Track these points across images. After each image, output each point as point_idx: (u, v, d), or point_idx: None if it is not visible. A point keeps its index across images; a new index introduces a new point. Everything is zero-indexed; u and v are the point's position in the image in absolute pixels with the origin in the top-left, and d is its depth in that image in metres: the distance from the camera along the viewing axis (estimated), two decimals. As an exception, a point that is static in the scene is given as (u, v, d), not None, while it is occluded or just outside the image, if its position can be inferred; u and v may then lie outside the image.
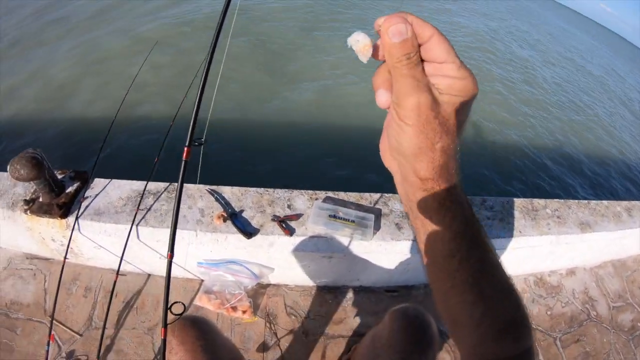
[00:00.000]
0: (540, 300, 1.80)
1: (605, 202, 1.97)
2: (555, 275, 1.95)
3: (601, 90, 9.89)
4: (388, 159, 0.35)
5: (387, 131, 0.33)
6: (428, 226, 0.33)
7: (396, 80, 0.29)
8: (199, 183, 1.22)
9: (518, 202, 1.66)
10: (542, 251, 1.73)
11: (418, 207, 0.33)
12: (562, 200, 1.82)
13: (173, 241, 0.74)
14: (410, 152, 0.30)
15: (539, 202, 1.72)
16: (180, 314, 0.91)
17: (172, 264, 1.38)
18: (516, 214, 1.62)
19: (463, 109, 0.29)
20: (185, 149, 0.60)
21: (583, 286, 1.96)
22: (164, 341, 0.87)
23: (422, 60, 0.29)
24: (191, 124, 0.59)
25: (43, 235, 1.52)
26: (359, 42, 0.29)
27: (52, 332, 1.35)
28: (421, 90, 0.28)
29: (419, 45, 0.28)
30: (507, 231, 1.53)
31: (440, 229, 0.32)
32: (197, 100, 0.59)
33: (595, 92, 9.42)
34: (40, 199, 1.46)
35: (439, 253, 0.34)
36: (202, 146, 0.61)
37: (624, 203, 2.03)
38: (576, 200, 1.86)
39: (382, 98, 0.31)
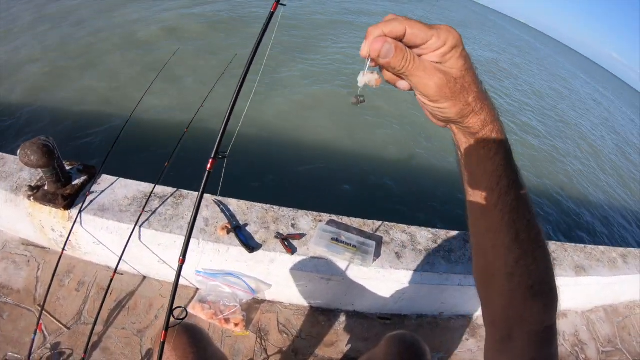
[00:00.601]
0: (530, 340, 1.81)
1: (601, 247, 1.99)
2: (546, 317, 1.96)
3: (607, 136, 10.06)
4: (439, 122, 0.38)
5: (427, 110, 0.37)
6: (474, 158, 0.36)
7: (410, 79, 0.33)
8: (219, 194, 1.22)
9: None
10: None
11: (465, 144, 0.36)
12: (559, 243, 1.84)
13: (187, 247, 0.74)
14: (457, 117, 0.35)
15: (536, 243, 1.74)
16: (182, 319, 0.91)
17: (170, 268, 1.39)
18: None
19: (465, 60, 0.33)
20: (210, 160, 0.61)
21: (574, 329, 1.97)
22: (163, 343, 0.87)
23: (412, 47, 0.33)
24: (219, 135, 0.61)
25: (43, 224, 1.51)
26: (370, 81, 0.34)
27: (41, 322, 1.34)
28: (431, 76, 0.32)
29: (401, 41, 0.32)
30: (504, 269, 1.55)
31: (484, 161, 0.35)
32: (228, 112, 0.60)
33: (602, 137, 9.58)
34: (46, 188, 1.47)
35: (481, 186, 0.36)
36: (226, 160, 0.62)
37: (620, 250, 2.06)
38: (573, 244, 1.89)
39: (402, 86, 0.35)
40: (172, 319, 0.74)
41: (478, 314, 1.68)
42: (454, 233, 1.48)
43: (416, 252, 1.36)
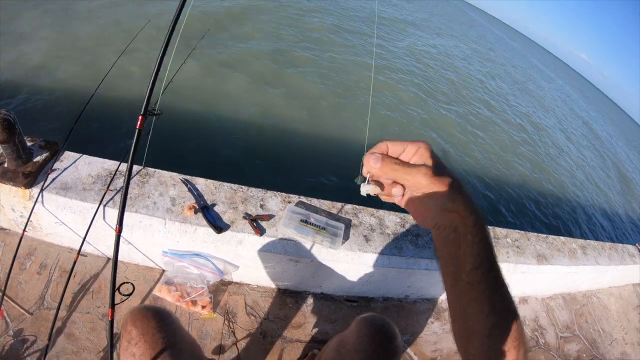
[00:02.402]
0: (493, 324, 1.89)
1: (562, 238, 2.10)
2: (509, 302, 2.05)
3: (584, 137, 10.56)
4: (441, 217, 0.44)
5: (415, 208, 0.46)
6: (462, 242, 0.43)
7: (403, 179, 0.43)
8: (144, 160, 1.17)
9: (482, 229, 1.75)
10: (500, 278, 1.82)
11: (454, 232, 0.43)
12: (523, 232, 1.92)
13: (122, 215, 0.71)
14: (448, 198, 0.42)
15: (500, 231, 1.82)
16: (129, 295, 0.90)
17: (135, 249, 1.36)
18: (479, 240, 1.71)
19: (435, 157, 0.43)
20: (140, 117, 0.60)
21: (534, 314, 2.07)
22: (111, 322, 0.85)
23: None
24: (147, 92, 0.60)
25: (3, 204, 1.44)
26: (371, 191, 0.45)
27: (2, 307, 1.29)
28: (418, 169, 0.41)
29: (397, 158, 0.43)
30: (470, 255, 1.61)
31: (471, 245, 0.42)
32: (155, 68, 0.59)
33: (577, 137, 10.04)
34: (5, 165, 1.40)
35: (467, 267, 0.43)
36: (156, 117, 0.62)
37: (580, 241, 2.18)
38: (535, 234, 1.98)
39: (396, 196, 0.45)
40: (119, 296, 0.72)
41: (443, 297, 1.74)
42: (421, 218, 1.52)
43: (384, 235, 1.39)
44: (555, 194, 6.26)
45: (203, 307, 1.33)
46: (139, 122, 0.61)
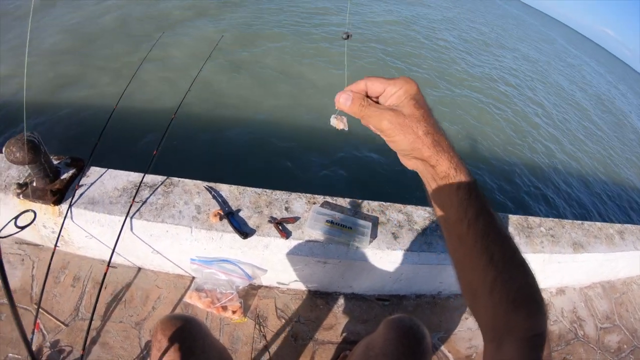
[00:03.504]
0: (529, 317, 1.82)
1: (598, 223, 1.99)
2: (545, 293, 1.96)
3: (603, 114, 10.04)
4: (405, 162, 0.45)
5: (392, 147, 0.44)
6: (440, 194, 0.41)
7: (368, 121, 0.42)
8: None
9: (513, 218, 1.67)
10: (534, 269, 1.74)
11: (431, 182, 0.42)
12: (557, 220, 1.83)
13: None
14: (410, 147, 0.41)
15: (534, 220, 1.73)
16: None
17: (164, 258, 1.37)
18: (511, 230, 1.63)
19: (416, 101, 0.41)
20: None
21: (572, 305, 1.98)
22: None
23: (377, 101, 0.43)
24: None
25: (34, 221, 1.49)
26: (336, 124, 0.46)
27: (38, 320, 1.33)
28: (383, 114, 0.40)
29: (367, 95, 0.42)
30: (502, 247, 1.54)
31: (448, 196, 0.41)
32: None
33: (596, 116, 9.55)
34: (34, 184, 1.44)
35: (451, 219, 0.41)
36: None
37: (617, 226, 2.05)
38: (570, 221, 1.88)
39: (372, 128, 0.44)
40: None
41: (477, 292, 1.68)
42: (450, 211, 1.47)
43: (413, 231, 1.35)
44: (592, 177, 5.95)
45: (233, 312, 1.33)
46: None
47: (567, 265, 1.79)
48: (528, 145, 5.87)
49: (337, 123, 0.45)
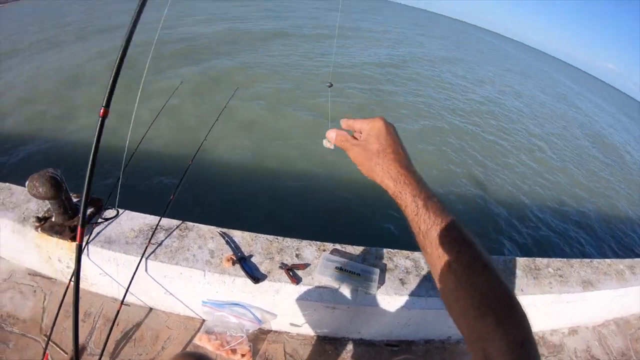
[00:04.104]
0: (542, 359, 1.78)
1: (608, 260, 1.98)
2: (557, 335, 1.93)
3: (606, 150, 10.04)
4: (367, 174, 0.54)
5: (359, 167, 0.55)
6: (403, 209, 0.48)
7: (348, 153, 0.54)
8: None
9: (520, 261, 1.68)
10: (544, 310, 1.73)
11: (393, 191, 0.49)
12: (565, 259, 1.83)
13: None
14: (367, 174, 0.53)
15: (541, 261, 1.74)
16: None
17: (176, 299, 1.39)
18: (518, 272, 1.64)
19: (377, 137, 0.51)
20: (102, 109, 0.67)
21: (585, 345, 1.94)
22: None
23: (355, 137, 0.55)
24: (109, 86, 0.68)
25: (50, 255, 1.53)
26: (328, 144, 0.58)
27: (47, 352, 1.34)
28: (351, 148, 0.53)
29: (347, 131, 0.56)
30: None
31: (404, 211, 0.48)
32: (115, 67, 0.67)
33: (600, 151, 9.55)
34: (53, 219, 1.49)
35: (414, 233, 0.47)
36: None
37: (627, 261, 2.04)
38: (579, 259, 1.87)
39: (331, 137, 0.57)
40: None
41: (485, 335, 1.67)
42: (457, 256, 1.48)
43: (420, 277, 1.36)
44: (605, 214, 5.88)
45: (242, 355, 1.33)
46: (101, 111, 0.70)
47: (577, 304, 1.78)
48: (533, 187, 5.87)
49: (327, 144, 0.59)
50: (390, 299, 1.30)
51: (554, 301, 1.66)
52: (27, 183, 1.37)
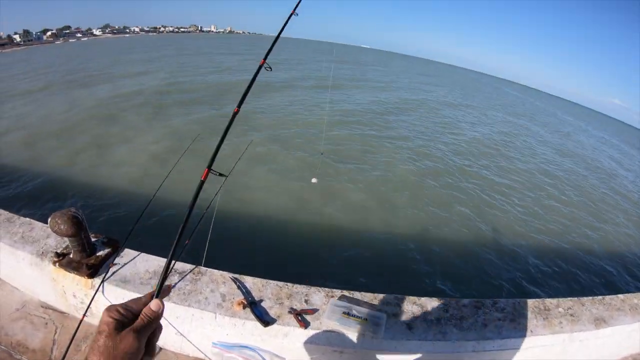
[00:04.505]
0: (555, 402, 1.74)
1: (621, 295, 1.95)
2: (571, 376, 1.89)
3: (611, 185, 9.93)
4: None
5: None
6: None
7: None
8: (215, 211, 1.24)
9: (530, 302, 1.68)
10: (556, 350, 1.71)
11: None
12: (575, 298, 1.81)
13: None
14: None
15: (551, 302, 1.74)
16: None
17: (187, 341, 1.42)
18: (528, 314, 1.63)
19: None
20: (206, 170, 0.72)
21: (605, 383, 1.89)
22: None
23: None
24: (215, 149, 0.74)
25: (65, 289, 1.58)
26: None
27: None
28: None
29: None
30: (518, 331, 1.54)
31: None
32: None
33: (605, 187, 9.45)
34: (71, 256, 1.55)
35: None
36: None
37: (641, 294, 2.00)
38: (590, 297, 1.86)
39: None
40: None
41: (494, 379, 1.64)
42: (465, 301, 1.50)
43: (427, 322, 1.38)
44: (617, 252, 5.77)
45: (250, 399, 1.34)
46: (203, 174, 0.76)
47: (590, 342, 1.75)
48: (539, 227, 5.80)
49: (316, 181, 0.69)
50: (397, 343, 1.32)
51: (564, 340, 1.65)
52: (49, 220, 1.44)
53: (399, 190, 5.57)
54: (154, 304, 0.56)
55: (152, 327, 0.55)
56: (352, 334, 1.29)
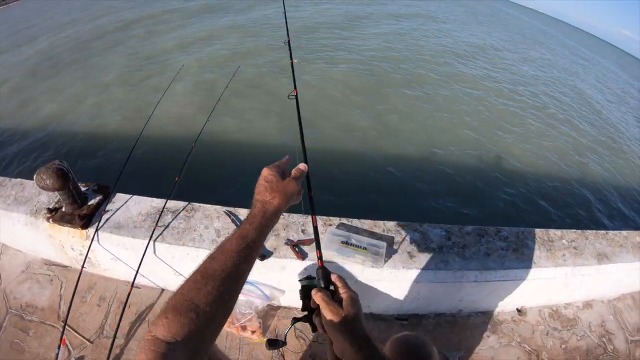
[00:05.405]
0: (555, 333, 1.75)
1: (624, 232, 1.91)
2: (571, 308, 1.89)
3: (625, 118, 9.54)
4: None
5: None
6: None
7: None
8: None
9: (534, 232, 1.63)
10: (557, 283, 1.69)
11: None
12: (580, 231, 1.77)
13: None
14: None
15: (555, 233, 1.69)
16: None
17: (185, 279, 1.41)
18: (531, 244, 1.59)
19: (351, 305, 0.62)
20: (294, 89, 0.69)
21: (600, 319, 1.89)
22: None
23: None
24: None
25: (63, 244, 1.57)
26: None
27: (64, 337, 1.39)
28: (324, 312, 0.61)
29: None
30: (521, 262, 1.51)
31: None
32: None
33: (619, 120, 9.07)
34: (63, 209, 1.52)
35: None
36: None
37: (645, 233, 1.96)
38: (594, 231, 1.81)
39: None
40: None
41: (498, 309, 1.64)
42: (468, 228, 1.45)
43: (429, 250, 1.34)
44: (621, 186, 5.61)
45: (253, 332, 1.35)
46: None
47: (592, 277, 1.73)
48: (552, 156, 5.60)
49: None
50: (398, 272, 1.29)
51: (568, 274, 1.62)
52: (34, 177, 1.40)
53: (398, 107, 5.30)
54: (302, 165, 0.70)
55: (302, 178, 0.69)
56: (352, 264, 1.26)
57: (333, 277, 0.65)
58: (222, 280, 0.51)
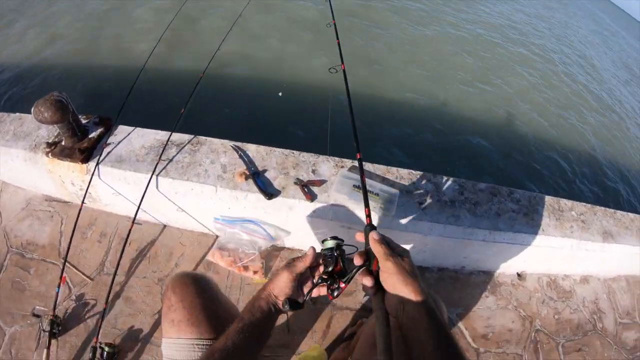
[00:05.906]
0: (550, 302, 1.76)
1: (631, 215, 1.88)
2: (568, 280, 1.90)
3: None
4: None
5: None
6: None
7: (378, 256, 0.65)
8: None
9: (545, 199, 1.60)
10: (561, 254, 1.68)
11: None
12: (589, 205, 1.74)
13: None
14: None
15: (565, 203, 1.66)
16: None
17: (189, 216, 1.38)
18: (541, 211, 1.56)
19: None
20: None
21: (594, 296, 1.91)
22: None
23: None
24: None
25: (63, 179, 1.52)
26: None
27: (64, 275, 1.38)
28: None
29: None
30: (530, 227, 1.48)
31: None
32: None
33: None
34: (63, 143, 1.46)
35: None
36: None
37: (651, 220, 1.94)
38: (603, 208, 1.78)
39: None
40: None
41: (500, 271, 1.64)
42: (482, 185, 1.41)
43: (441, 203, 1.31)
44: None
45: (255, 272, 1.34)
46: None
47: (595, 254, 1.72)
48: (570, 126, 5.32)
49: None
50: (409, 223, 1.26)
51: (572, 247, 1.60)
52: (32, 110, 1.32)
53: (422, 55, 4.96)
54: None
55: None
56: (362, 210, 1.22)
57: (374, 237, 0.67)
58: None
